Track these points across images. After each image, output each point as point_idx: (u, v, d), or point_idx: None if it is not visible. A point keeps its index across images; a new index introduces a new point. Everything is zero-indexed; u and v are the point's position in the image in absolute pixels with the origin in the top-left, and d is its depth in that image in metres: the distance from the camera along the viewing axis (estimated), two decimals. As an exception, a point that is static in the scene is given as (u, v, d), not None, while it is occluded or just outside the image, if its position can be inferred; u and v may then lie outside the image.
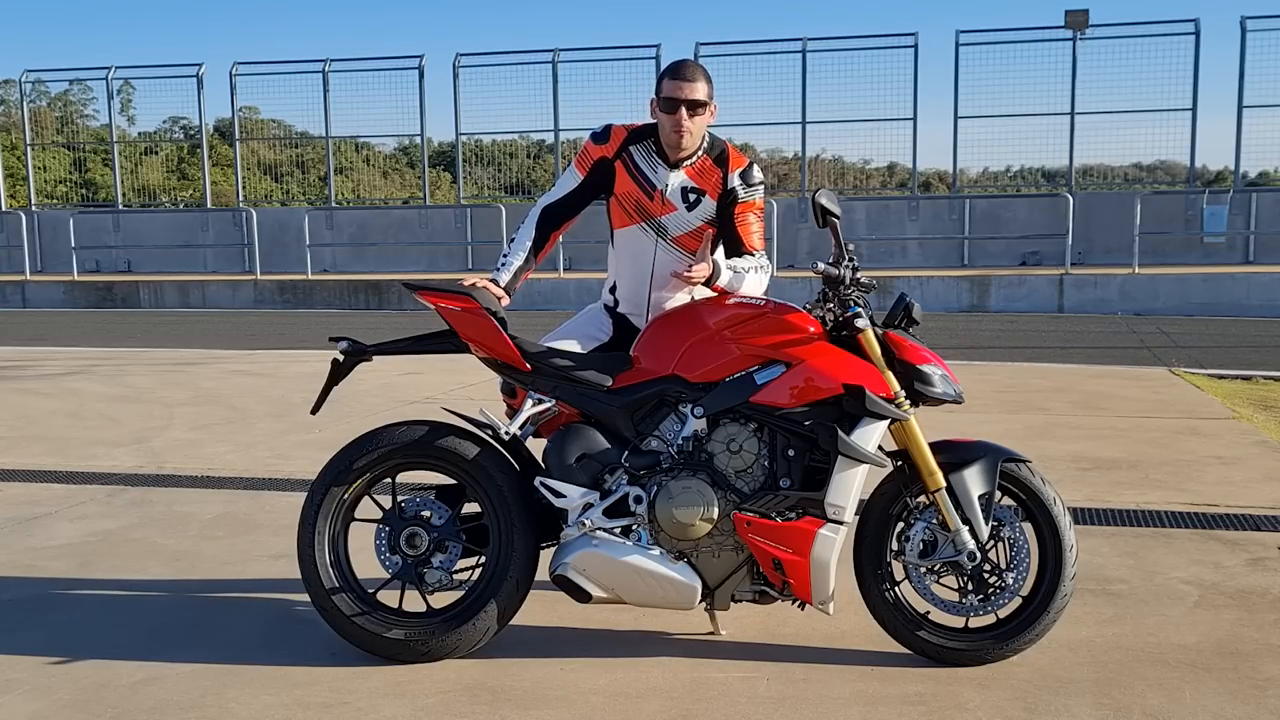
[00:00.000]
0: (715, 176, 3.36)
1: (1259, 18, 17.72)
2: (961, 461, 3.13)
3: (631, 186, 3.36)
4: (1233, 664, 3.15)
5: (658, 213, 3.37)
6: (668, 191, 3.36)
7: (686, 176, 3.36)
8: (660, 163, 3.35)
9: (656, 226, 3.38)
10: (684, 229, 3.38)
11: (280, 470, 5.64)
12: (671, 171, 3.35)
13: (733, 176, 3.36)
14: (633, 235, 3.42)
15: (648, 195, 3.36)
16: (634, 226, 3.40)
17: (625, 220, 3.41)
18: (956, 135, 18.93)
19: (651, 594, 3.13)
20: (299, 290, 18.17)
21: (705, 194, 3.36)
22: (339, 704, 2.96)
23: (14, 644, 3.39)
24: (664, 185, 3.36)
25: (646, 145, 3.36)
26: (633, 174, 3.36)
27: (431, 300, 3.23)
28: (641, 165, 3.36)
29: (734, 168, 3.36)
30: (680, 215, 3.37)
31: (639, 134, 3.38)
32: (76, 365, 9.87)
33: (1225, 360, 9.76)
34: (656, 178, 3.35)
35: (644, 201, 3.37)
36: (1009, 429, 6.35)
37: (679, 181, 3.36)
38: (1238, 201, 17.51)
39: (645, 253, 3.41)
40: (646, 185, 3.36)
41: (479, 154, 22.90)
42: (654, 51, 19.69)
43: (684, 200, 3.36)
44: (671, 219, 3.37)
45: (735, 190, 3.35)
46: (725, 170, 3.36)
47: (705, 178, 3.37)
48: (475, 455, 3.19)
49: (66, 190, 27.51)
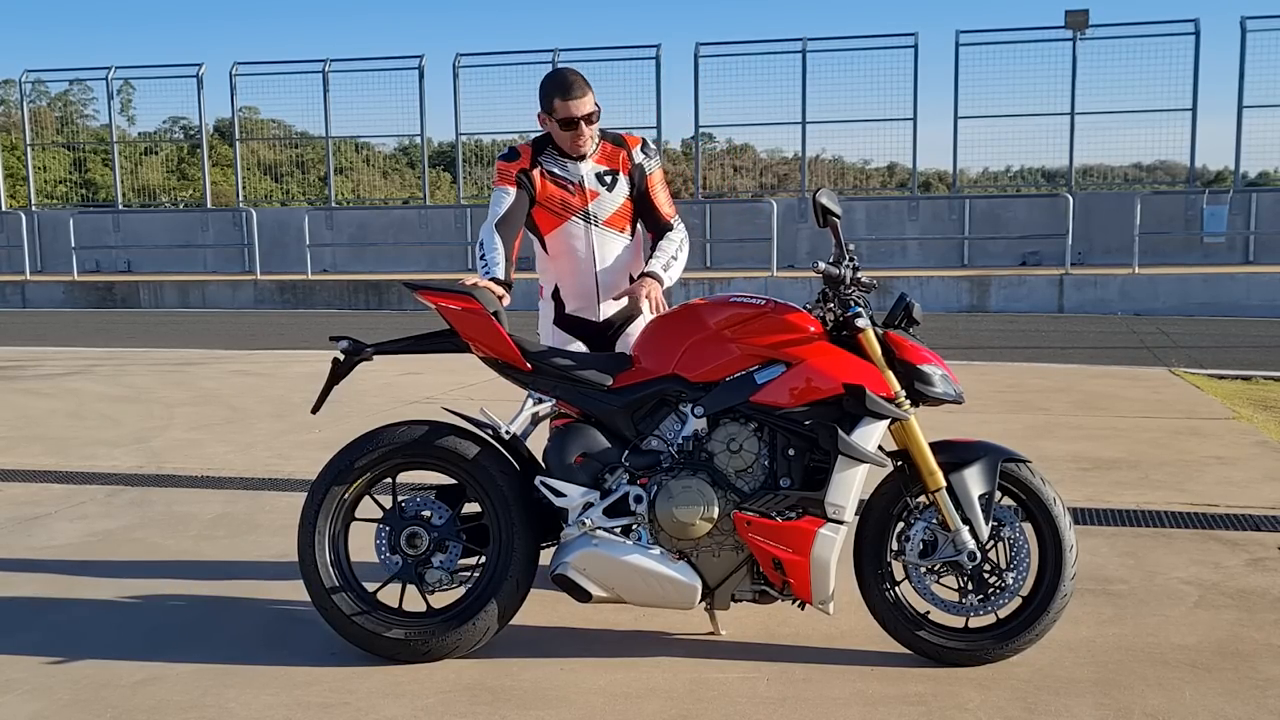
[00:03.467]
0: (620, 155, 3.68)
1: (1259, 18, 17.74)
2: (961, 461, 3.13)
3: (553, 189, 3.63)
4: (1233, 664, 3.15)
5: (584, 203, 3.64)
6: (586, 182, 3.63)
7: (595, 164, 3.65)
8: (569, 160, 3.63)
9: (586, 215, 3.65)
10: (610, 210, 3.66)
11: (280, 470, 5.64)
12: (582, 164, 3.63)
13: (635, 152, 3.68)
14: (566, 231, 3.65)
15: (570, 191, 3.63)
16: (565, 223, 3.65)
17: (555, 220, 3.65)
18: (956, 135, 18.94)
19: (651, 593, 3.13)
20: (299, 290, 18.17)
21: (618, 172, 3.67)
22: (339, 704, 2.96)
23: (14, 644, 3.39)
24: (580, 178, 3.63)
25: (550, 150, 3.64)
26: (551, 177, 3.63)
27: (432, 300, 3.23)
28: (555, 168, 3.63)
29: (632, 145, 3.69)
30: (604, 198, 3.65)
31: (539, 144, 3.67)
32: (76, 365, 9.87)
33: (1225, 360, 9.75)
34: (571, 173, 3.63)
35: (568, 198, 3.63)
36: (1009, 429, 6.35)
37: (591, 170, 3.65)
38: (1238, 201, 17.51)
39: (581, 242, 3.66)
40: (566, 183, 3.63)
41: (479, 154, 22.89)
42: (654, 51, 19.68)
43: (602, 184, 3.65)
44: (597, 204, 3.65)
45: (641, 165, 3.68)
46: (626, 148, 3.68)
47: (611, 159, 3.67)
48: (475, 455, 3.20)
49: (66, 190, 27.50)
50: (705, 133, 22.09)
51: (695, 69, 19.79)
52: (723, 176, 25.17)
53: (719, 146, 26.64)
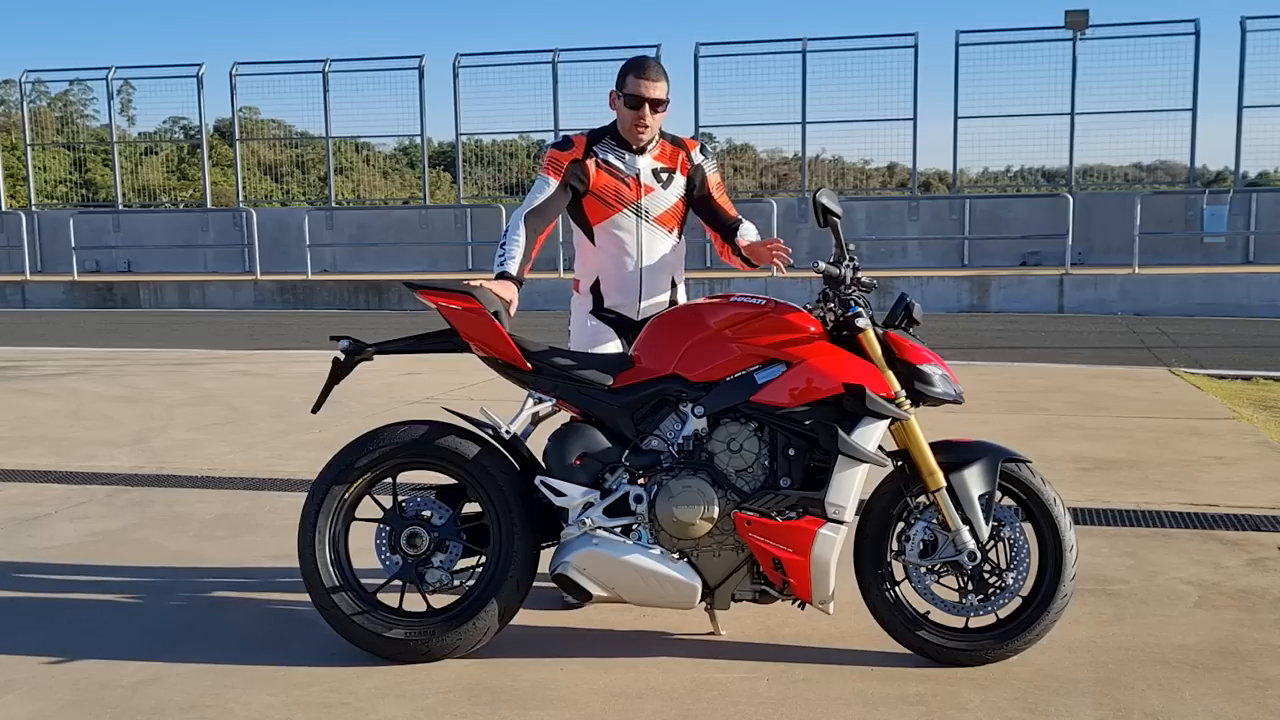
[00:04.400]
0: (679, 155, 3.64)
1: (1259, 18, 17.74)
2: (962, 461, 3.13)
3: (608, 179, 3.56)
4: (1233, 664, 3.14)
5: (638, 196, 3.57)
6: (642, 176, 3.58)
7: (654, 160, 3.60)
8: (626, 151, 3.57)
9: (638, 209, 3.58)
10: (663, 207, 3.60)
11: (280, 470, 5.64)
12: (640, 157, 3.58)
13: (694, 154, 3.66)
14: (616, 223, 3.58)
15: (625, 183, 3.57)
16: (616, 215, 3.58)
17: (606, 212, 3.58)
18: (956, 135, 18.95)
19: (652, 593, 3.13)
20: (299, 290, 18.17)
21: (675, 171, 3.63)
22: (339, 704, 2.96)
23: (14, 644, 3.39)
24: (637, 171, 3.57)
25: (607, 141, 3.58)
26: (606, 168, 3.56)
27: (432, 299, 3.23)
28: (611, 158, 3.56)
29: (691, 148, 3.67)
30: (658, 194, 3.59)
31: (596, 135, 3.60)
32: (76, 365, 9.87)
33: (1225, 360, 9.75)
34: (628, 165, 3.57)
35: (622, 189, 3.56)
36: (1009, 429, 6.35)
37: (649, 165, 3.59)
38: (1238, 202, 17.52)
39: (631, 237, 3.59)
40: (621, 174, 3.56)
41: (479, 154, 22.90)
42: (654, 52, 19.66)
43: (658, 180, 3.60)
44: (651, 199, 3.58)
45: (701, 166, 3.66)
46: (684, 150, 3.65)
47: (671, 159, 3.63)
48: (476, 455, 3.20)
49: (66, 190, 27.50)
50: (705, 133, 22.03)
51: (695, 69, 19.82)
52: (723, 176, 25.16)
53: (719, 146, 26.64)
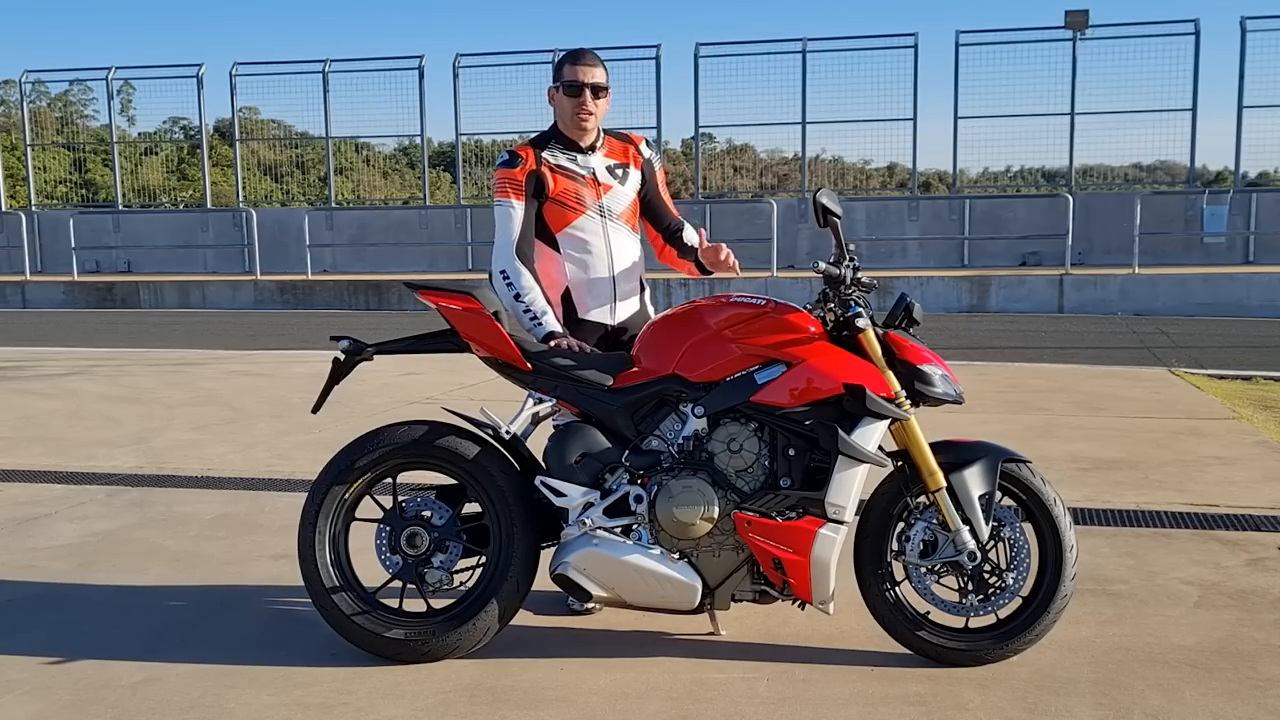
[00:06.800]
0: (628, 150, 3.58)
1: (1259, 18, 17.75)
2: (962, 461, 3.13)
3: (566, 182, 3.46)
4: (1233, 664, 3.14)
5: (599, 195, 3.50)
6: (598, 174, 3.50)
7: (605, 157, 3.53)
8: (577, 152, 3.49)
9: (601, 209, 3.50)
10: (624, 204, 3.55)
11: (280, 470, 5.64)
12: (591, 156, 3.50)
13: (643, 148, 3.61)
14: (580, 227, 3.49)
15: (583, 184, 3.48)
16: (580, 218, 3.48)
17: (569, 216, 3.47)
18: (956, 135, 18.96)
19: (652, 593, 3.13)
20: (299, 290, 18.17)
21: (629, 165, 3.57)
22: (339, 704, 2.96)
23: (14, 644, 3.39)
24: (591, 169, 3.50)
25: (553, 147, 3.48)
26: (561, 171, 3.46)
27: (432, 299, 3.23)
28: (564, 161, 3.47)
29: (638, 141, 3.61)
30: (617, 191, 3.53)
31: (540, 141, 3.50)
32: (76, 365, 9.87)
33: (1225, 360, 9.75)
34: (581, 165, 3.49)
35: (582, 191, 3.48)
36: (1009, 429, 6.35)
37: (602, 163, 3.52)
38: (1238, 202, 17.52)
39: (598, 239, 3.51)
40: (578, 175, 3.48)
41: (479, 154, 22.89)
42: (654, 52, 19.69)
43: (614, 177, 3.54)
44: (611, 197, 3.52)
45: (650, 160, 3.61)
46: (633, 144, 3.60)
47: (621, 153, 3.57)
48: (476, 455, 3.19)
49: (66, 190, 27.52)
50: (705, 133, 22.10)
51: (695, 69, 19.81)
52: (723, 177, 25.17)
53: (719, 146, 26.65)
